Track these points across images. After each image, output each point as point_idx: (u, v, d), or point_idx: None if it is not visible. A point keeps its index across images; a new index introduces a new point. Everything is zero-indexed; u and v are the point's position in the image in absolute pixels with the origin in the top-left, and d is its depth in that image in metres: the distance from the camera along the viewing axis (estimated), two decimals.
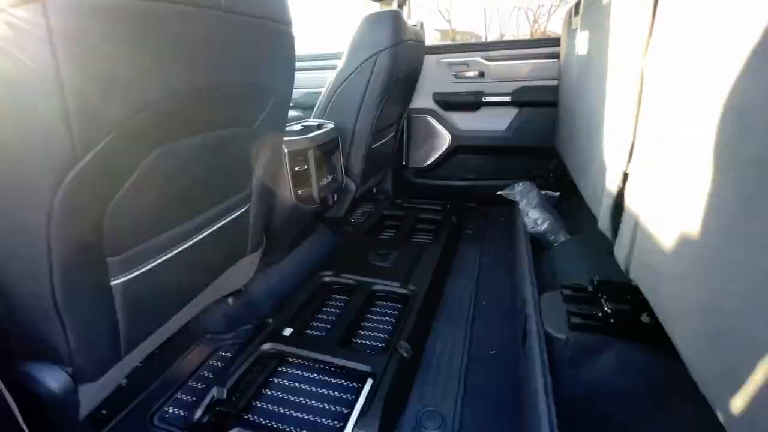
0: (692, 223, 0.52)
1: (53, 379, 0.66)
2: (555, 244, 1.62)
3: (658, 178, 0.65)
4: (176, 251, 0.83)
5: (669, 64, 0.63)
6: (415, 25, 1.86)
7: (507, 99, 2.14)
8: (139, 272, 0.74)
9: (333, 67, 1.81)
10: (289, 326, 1.18)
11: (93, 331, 0.68)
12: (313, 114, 1.76)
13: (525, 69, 2.08)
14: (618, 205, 0.85)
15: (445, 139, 2.32)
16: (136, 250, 0.72)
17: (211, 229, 0.92)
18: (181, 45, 0.60)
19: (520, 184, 2.00)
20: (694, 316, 0.52)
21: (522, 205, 1.84)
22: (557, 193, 2.03)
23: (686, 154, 0.55)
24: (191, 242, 0.87)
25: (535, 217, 1.70)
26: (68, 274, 0.59)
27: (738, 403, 0.43)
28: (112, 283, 0.70)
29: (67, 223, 0.54)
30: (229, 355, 1.15)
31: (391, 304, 1.36)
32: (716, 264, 0.46)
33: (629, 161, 0.81)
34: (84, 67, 0.47)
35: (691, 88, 0.54)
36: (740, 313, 0.42)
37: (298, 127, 1.46)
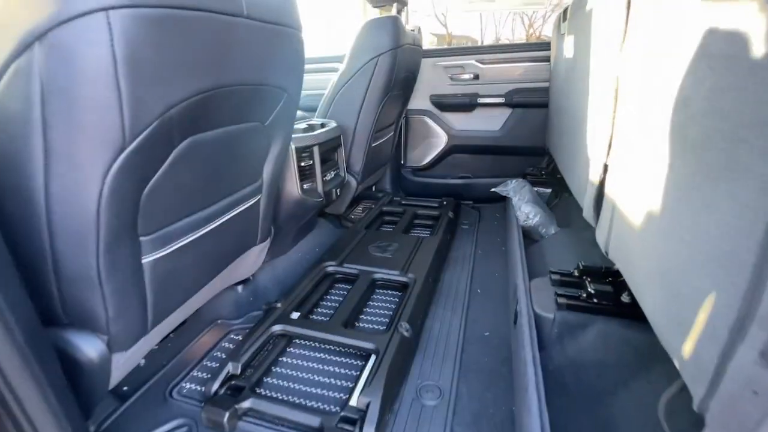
0: (653, 201, 0.61)
1: (92, 347, 0.74)
2: (545, 237, 1.71)
3: (629, 166, 0.74)
4: (196, 235, 0.91)
5: (638, 64, 0.72)
6: (413, 30, 1.96)
7: (501, 100, 2.24)
8: (165, 252, 0.82)
9: (328, 70, 1.89)
10: (296, 311, 1.25)
11: (127, 303, 0.75)
12: (316, 113, 1.84)
13: (518, 72, 2.18)
14: (599, 194, 0.94)
15: (441, 139, 2.42)
16: (164, 232, 0.80)
17: (227, 217, 1.00)
18: (210, 48, 0.69)
19: (513, 181, 2.10)
20: (655, 279, 0.61)
21: (515, 200, 1.93)
22: (548, 190, 2.12)
23: (648, 142, 0.64)
24: (209, 228, 0.95)
25: (527, 211, 1.79)
26: (111, 249, 0.67)
27: (687, 347, 0.51)
28: (143, 261, 0.78)
29: (113, 202, 0.62)
30: (239, 338, 1.22)
31: (391, 291, 1.44)
32: (669, 232, 0.55)
33: (608, 154, 0.90)
34: (135, 66, 0.55)
35: (653, 84, 0.63)
36: (686, 269, 0.50)
37: (303, 125, 1.54)
